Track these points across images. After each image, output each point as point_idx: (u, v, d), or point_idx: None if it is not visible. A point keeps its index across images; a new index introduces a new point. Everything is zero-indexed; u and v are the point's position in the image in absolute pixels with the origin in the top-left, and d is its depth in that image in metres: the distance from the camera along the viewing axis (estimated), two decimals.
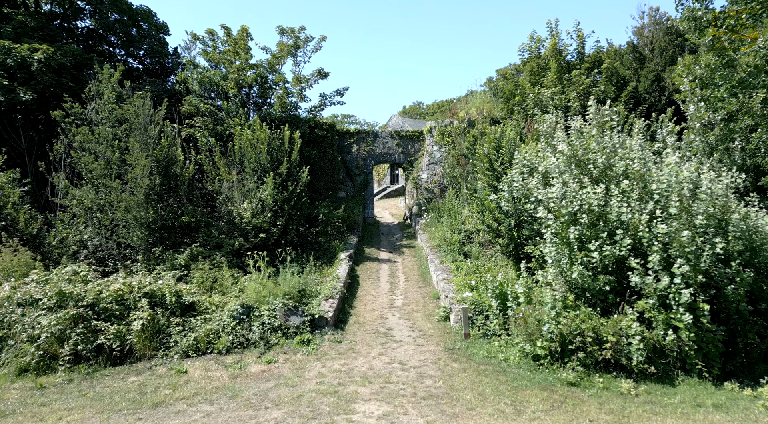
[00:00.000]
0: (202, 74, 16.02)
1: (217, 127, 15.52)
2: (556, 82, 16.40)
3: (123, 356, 7.17)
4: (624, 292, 6.83)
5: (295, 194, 14.17)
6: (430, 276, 12.49)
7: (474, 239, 13.63)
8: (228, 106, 15.60)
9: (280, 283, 10.06)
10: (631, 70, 17.49)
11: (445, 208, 16.25)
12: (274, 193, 13.59)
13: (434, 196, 18.20)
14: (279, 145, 14.38)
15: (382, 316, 9.33)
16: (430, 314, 9.33)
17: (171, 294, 8.12)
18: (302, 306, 8.97)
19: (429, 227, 16.09)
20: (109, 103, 12.63)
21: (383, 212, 24.88)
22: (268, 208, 13.62)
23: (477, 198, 11.11)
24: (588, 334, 6.37)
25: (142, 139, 11.91)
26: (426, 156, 18.68)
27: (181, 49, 19.62)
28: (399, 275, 12.85)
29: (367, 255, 15.06)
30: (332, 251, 14.29)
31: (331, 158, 18.11)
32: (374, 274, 12.98)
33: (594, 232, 7.01)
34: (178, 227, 12.86)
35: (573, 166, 7.55)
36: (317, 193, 17.66)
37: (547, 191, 7.39)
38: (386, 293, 11.09)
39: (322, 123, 17.92)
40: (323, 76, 17.09)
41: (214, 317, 8.01)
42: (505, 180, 8.68)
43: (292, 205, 14.05)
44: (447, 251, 13.51)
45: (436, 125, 18.29)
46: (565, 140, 8.01)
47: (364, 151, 19.44)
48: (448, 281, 10.52)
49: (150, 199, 11.94)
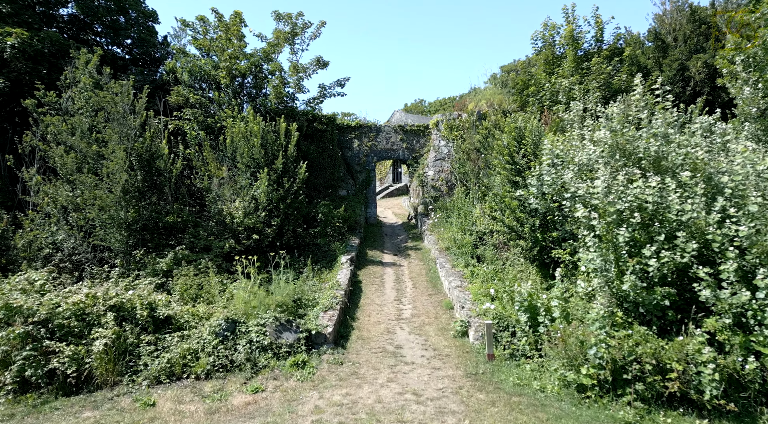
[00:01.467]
0: (192, 63, 14.83)
1: (208, 119, 14.33)
2: (572, 72, 15.23)
3: (80, 384, 5.97)
4: (686, 307, 5.63)
5: (291, 192, 12.98)
6: (441, 282, 11.29)
7: (487, 241, 12.44)
8: (220, 97, 14.41)
9: (273, 291, 8.87)
10: (653, 60, 16.29)
11: (454, 208, 15.06)
12: (268, 190, 12.41)
13: (441, 194, 17.00)
14: (274, 138, 13.19)
15: (390, 330, 8.13)
16: (445, 328, 8.13)
17: (143, 306, 6.92)
18: (297, 320, 7.77)
19: (437, 227, 14.90)
20: (86, 91, 11.43)
21: (386, 211, 23.68)
22: (261, 207, 12.44)
23: (495, 195, 9.91)
24: (646, 360, 5.17)
25: (121, 131, 10.71)
26: (432, 152, 17.49)
27: (170, 37, 18.43)
28: (406, 281, 11.65)
29: (370, 258, 13.87)
30: (332, 254, 13.10)
31: (331, 154, 16.92)
32: (378, 279, 11.79)
33: (646, 234, 5.82)
34: (162, 228, 11.66)
35: (618, 155, 6.36)
36: (316, 191, 16.47)
37: (587, 186, 6.19)
38: (392, 302, 9.90)
39: (321, 116, 16.73)
40: (322, 66, 15.90)
41: (194, 334, 6.80)
42: (532, 173, 7.48)
43: (289, 204, 12.86)
44: (458, 253, 12.32)
45: (444, 118, 17.09)
46: (605, 126, 6.82)
47: (366, 146, 18.25)
48: (463, 288, 9.32)
49: (129, 196, 10.75)
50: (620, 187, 5.88)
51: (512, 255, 11.28)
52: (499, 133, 11.09)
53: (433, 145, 17.56)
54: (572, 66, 15.26)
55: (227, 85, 14.76)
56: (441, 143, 17.20)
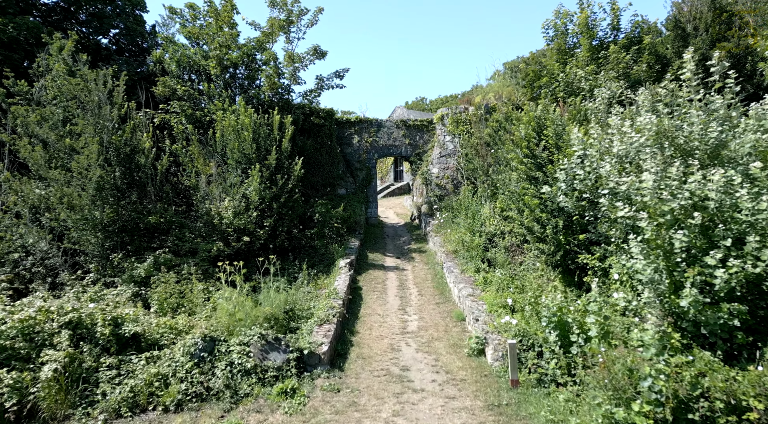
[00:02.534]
0: (181, 53, 13.81)
1: (197, 112, 13.32)
2: (587, 62, 14.24)
3: (22, 419, 4.96)
4: (760, 329, 4.62)
5: (286, 190, 11.97)
6: (449, 289, 10.28)
7: (498, 243, 11.44)
8: (209, 89, 13.40)
9: (262, 301, 7.87)
10: (672, 49, 15.26)
11: (461, 207, 14.05)
12: (260, 188, 11.40)
13: (447, 193, 15.98)
14: (267, 132, 12.18)
15: (394, 346, 7.11)
16: (457, 344, 7.11)
17: (106, 322, 5.90)
18: (288, 336, 6.76)
19: (442, 228, 13.89)
20: (59, 79, 10.42)
21: (387, 211, 22.67)
22: (253, 206, 11.43)
23: (512, 193, 8.90)
24: (716, 395, 4.16)
25: (96, 122, 9.70)
26: (437, 147, 16.47)
27: (158, 26, 17.42)
28: (410, 287, 10.63)
29: (370, 261, 12.86)
30: (330, 257, 12.09)
31: (329, 150, 15.91)
32: (380, 285, 10.77)
33: (706, 239, 4.80)
34: (144, 229, 10.66)
35: (666, 145, 5.35)
36: (313, 189, 15.47)
37: (631, 180, 5.17)
38: (396, 312, 8.88)
39: (319, 110, 15.72)
40: (320, 56, 14.88)
41: (164, 356, 5.79)
42: (560, 166, 6.46)
43: (283, 203, 11.85)
44: (467, 257, 11.31)
45: (449, 112, 16.07)
46: (648, 109, 5.81)
47: (366, 142, 17.24)
48: (475, 297, 8.31)
49: (106, 194, 9.74)
50: (673, 182, 4.87)
51: (528, 259, 10.28)
52: (516, 123, 10.04)
53: (437, 141, 16.54)
54: (587, 55, 14.27)
55: (217, 76, 13.75)
56: (446, 139, 16.18)
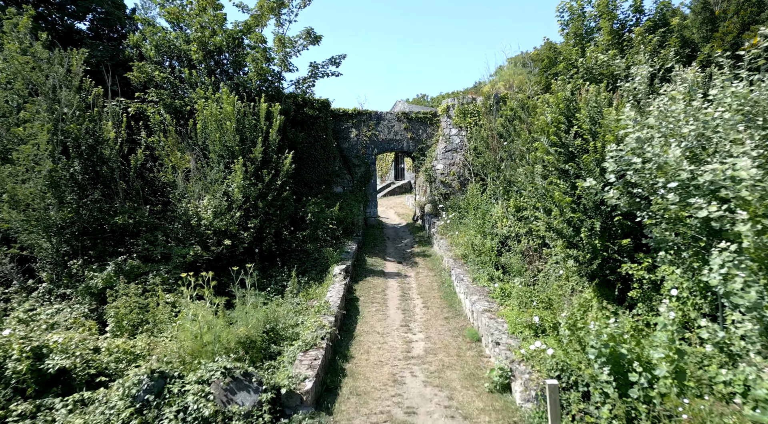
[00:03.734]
0: (160, 36, 12.49)
1: (176, 101, 11.99)
2: (608, 46, 12.92)
3: None
4: None
5: (273, 187, 10.65)
6: (458, 300, 8.95)
7: (513, 247, 10.12)
8: (191, 77, 12.07)
9: (238, 319, 6.53)
10: (700, 34, 13.93)
11: (469, 206, 12.72)
12: (244, 185, 10.08)
13: (453, 191, 14.65)
14: (253, 122, 10.85)
15: (396, 377, 5.77)
16: (474, 375, 5.77)
17: (22, 355, 4.57)
18: (265, 366, 5.44)
19: (449, 230, 12.55)
20: (10, 60, 9.08)
21: (388, 211, 21.34)
22: (236, 205, 10.11)
23: (535, 189, 7.55)
24: None
25: (51, 108, 8.36)
26: (442, 142, 15.13)
27: (139, 9, 16.06)
28: (414, 297, 9.30)
29: (369, 267, 11.52)
30: (323, 263, 10.77)
31: (325, 144, 14.57)
32: (380, 296, 9.43)
33: None
34: (109, 232, 9.33)
35: (761, 121, 4.02)
36: (307, 187, 14.14)
37: (720, 167, 3.83)
38: (398, 329, 7.55)
39: (313, 100, 14.39)
40: (314, 41, 13.54)
41: (97, 400, 4.45)
42: (609, 153, 5.09)
43: (270, 202, 10.52)
44: (477, 263, 9.98)
45: (455, 103, 14.74)
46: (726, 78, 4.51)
47: (365, 136, 15.90)
48: (493, 313, 6.97)
49: (61, 191, 8.41)
50: None
51: (549, 266, 8.95)
52: (533, 112, 8.75)
53: (442, 135, 15.20)
54: (608, 39, 12.94)
55: (200, 62, 12.41)
56: (452, 132, 14.85)
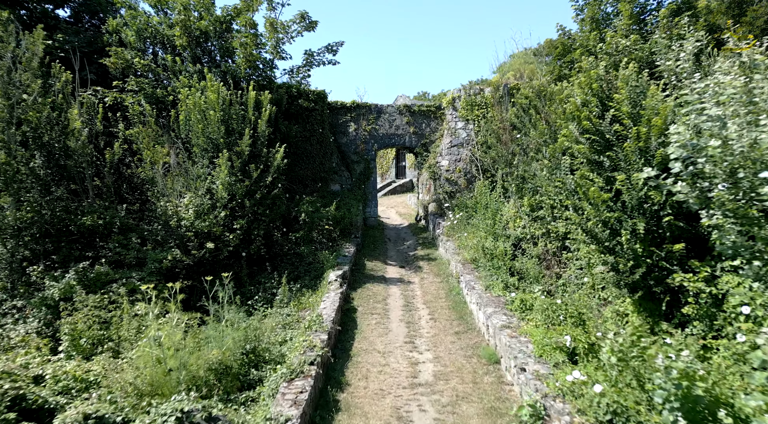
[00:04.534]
0: (142, 21, 11.47)
1: (158, 91, 10.96)
2: (628, 31, 11.90)
3: None
4: None
5: (263, 184, 9.63)
6: (469, 311, 7.93)
7: (529, 251, 9.09)
8: (174, 64, 11.05)
9: (212, 339, 5.51)
10: (727, 16, 12.90)
11: (477, 205, 11.69)
12: (230, 181, 9.07)
13: (458, 189, 13.63)
14: (240, 112, 9.83)
15: (401, 413, 4.74)
16: (495, 410, 4.74)
17: None
18: (240, 399, 4.42)
19: (456, 231, 11.52)
20: None
21: (388, 211, 20.32)
22: (220, 204, 9.10)
23: (562, 184, 6.51)
24: None
25: (5, 91, 7.33)
26: (447, 136, 14.10)
27: None
28: (419, 308, 8.27)
29: (368, 272, 10.49)
30: (318, 267, 9.75)
31: (321, 139, 13.54)
32: (380, 305, 8.40)
33: None
34: (76, 234, 8.30)
35: None
36: (301, 185, 13.12)
37: None
38: (402, 346, 6.52)
39: (308, 91, 13.36)
40: (309, 27, 12.52)
41: None
42: (672, 135, 4.03)
43: (258, 200, 9.51)
44: (489, 268, 8.96)
45: (462, 94, 13.71)
46: None
47: (364, 131, 14.87)
48: (514, 330, 5.94)
49: (18, 188, 7.40)
50: None
51: (570, 272, 7.94)
52: (559, 92, 7.72)
53: (447, 129, 14.17)
54: (628, 24, 11.93)
55: (184, 48, 11.39)
56: (458, 125, 13.81)
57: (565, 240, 8.77)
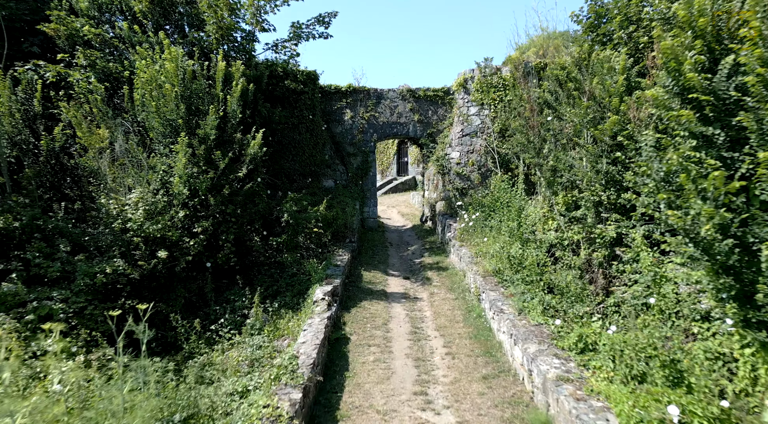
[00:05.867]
0: None
1: (111, 64, 9.04)
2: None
3: None
4: None
5: (234, 177, 7.73)
6: (496, 341, 6.02)
7: (565, 259, 7.19)
8: (133, 34, 9.12)
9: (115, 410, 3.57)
10: None
11: (496, 204, 9.78)
12: (190, 173, 7.17)
13: (471, 185, 11.71)
14: (205, 88, 7.92)
15: None
16: None
17: None
18: None
19: (471, 235, 9.59)
20: None
21: (390, 211, 18.40)
22: (178, 201, 7.21)
23: (649, 169, 4.57)
24: None
25: None
26: (458, 124, 12.18)
27: None
28: (430, 336, 6.35)
29: (366, 285, 8.57)
30: (303, 280, 7.85)
31: (311, 127, 11.63)
32: (380, 333, 6.47)
33: None
34: None
35: None
36: (288, 180, 11.21)
37: None
38: (411, 400, 4.60)
39: (296, 71, 11.44)
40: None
41: None
42: None
43: (228, 197, 7.59)
44: (518, 282, 7.04)
45: (475, 74, 11.78)
46: None
47: (362, 119, 12.96)
48: (577, 386, 4.01)
49: None
50: None
51: (631, 292, 6.02)
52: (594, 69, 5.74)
53: (458, 116, 12.24)
54: None
55: (145, 15, 9.46)
56: (471, 111, 11.88)
57: (615, 247, 6.88)
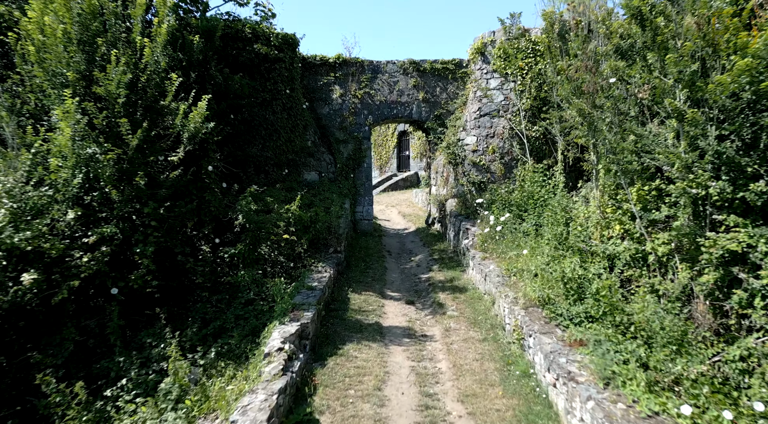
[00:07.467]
0: None
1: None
2: None
3: None
4: None
5: (155, 160, 5.24)
6: None
7: (634, 277, 4.74)
8: None
9: None
10: None
11: (530, 202, 7.30)
12: (86, 153, 4.70)
13: (492, 178, 9.23)
14: (119, 33, 5.43)
15: None
16: None
17: None
18: None
19: (498, 243, 7.07)
20: None
21: (389, 211, 15.88)
22: (62, 195, 4.72)
23: None
24: None
25: None
26: (473, 102, 9.69)
27: None
28: (452, 414, 3.84)
29: (353, 317, 6.04)
30: (263, 311, 5.37)
31: (289, 105, 9.12)
32: (370, 409, 3.94)
33: None
34: None
35: None
36: (256, 171, 8.72)
37: None
38: None
39: (269, 33, 8.94)
40: None
41: None
42: None
43: (146, 190, 5.09)
44: (584, 320, 4.56)
45: (496, 38, 9.31)
46: None
47: (354, 97, 10.48)
48: None
49: None
50: None
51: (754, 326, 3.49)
52: None
53: (474, 91, 9.74)
54: None
55: None
56: (491, 84, 9.39)
57: (733, 266, 4.40)
